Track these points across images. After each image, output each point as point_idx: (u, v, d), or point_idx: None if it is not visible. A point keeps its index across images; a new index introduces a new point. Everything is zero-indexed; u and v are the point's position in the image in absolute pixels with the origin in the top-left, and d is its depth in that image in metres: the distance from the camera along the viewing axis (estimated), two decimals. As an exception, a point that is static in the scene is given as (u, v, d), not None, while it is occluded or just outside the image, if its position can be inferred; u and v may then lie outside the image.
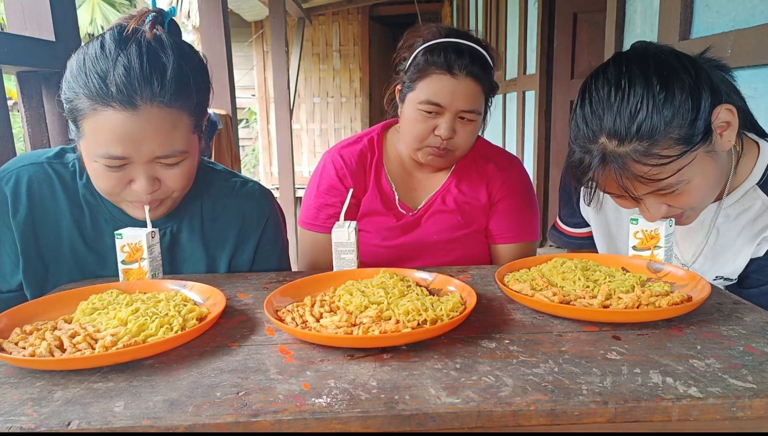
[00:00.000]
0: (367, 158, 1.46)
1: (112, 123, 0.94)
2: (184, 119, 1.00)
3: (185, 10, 9.79)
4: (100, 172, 1.00)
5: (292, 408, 0.61)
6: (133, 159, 0.98)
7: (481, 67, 1.29)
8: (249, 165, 10.04)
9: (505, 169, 1.46)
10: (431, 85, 1.29)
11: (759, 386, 0.63)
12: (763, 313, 0.85)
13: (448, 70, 1.27)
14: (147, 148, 0.97)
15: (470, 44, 1.31)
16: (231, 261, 1.21)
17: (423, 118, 1.31)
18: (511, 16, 4.85)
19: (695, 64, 0.94)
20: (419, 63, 1.31)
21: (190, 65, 1.01)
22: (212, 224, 1.19)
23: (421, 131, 1.32)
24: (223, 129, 3.50)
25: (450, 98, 1.28)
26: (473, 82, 1.28)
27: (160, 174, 1.02)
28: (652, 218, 1.01)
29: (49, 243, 1.12)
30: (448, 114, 1.29)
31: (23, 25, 1.67)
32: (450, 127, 1.30)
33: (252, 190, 1.24)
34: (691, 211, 1.02)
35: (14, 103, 1.92)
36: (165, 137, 0.98)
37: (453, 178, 1.45)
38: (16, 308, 0.87)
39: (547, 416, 0.60)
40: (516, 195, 1.46)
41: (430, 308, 0.82)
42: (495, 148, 1.53)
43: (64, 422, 0.59)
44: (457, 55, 1.27)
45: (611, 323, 0.82)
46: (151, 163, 0.99)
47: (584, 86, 0.99)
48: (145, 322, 0.79)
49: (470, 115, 1.31)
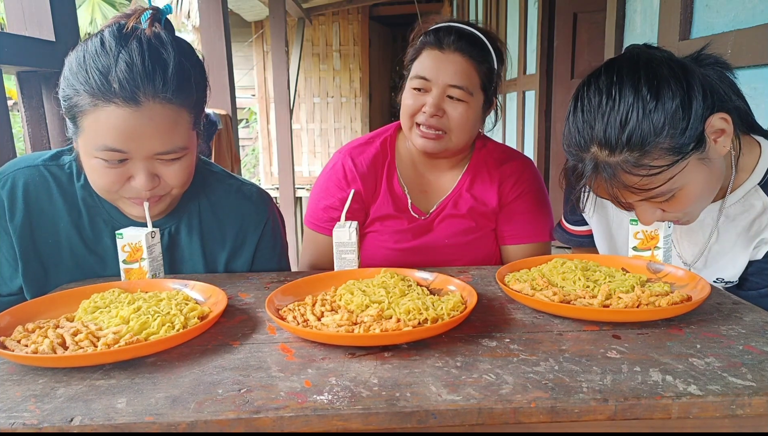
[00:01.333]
0: (379, 162, 1.44)
1: (114, 119, 0.94)
2: (184, 115, 1.00)
3: (185, 10, 9.79)
4: (98, 168, 0.99)
5: (294, 405, 0.61)
6: (133, 155, 0.98)
7: (474, 46, 1.29)
8: (249, 165, 10.04)
9: (518, 170, 1.44)
10: (421, 61, 1.31)
11: (758, 384, 0.63)
12: (763, 313, 0.85)
13: (437, 45, 1.29)
14: (148, 144, 0.97)
15: (464, 26, 1.32)
16: (229, 264, 1.21)
17: (413, 95, 1.31)
18: (511, 16, 4.85)
19: (687, 70, 0.93)
20: (416, 47, 1.34)
21: (190, 62, 1.02)
22: (210, 226, 1.19)
23: (410, 107, 1.32)
24: (223, 129, 3.50)
25: (436, 71, 1.28)
26: (462, 57, 1.28)
27: (159, 170, 1.02)
28: (646, 222, 1.01)
29: (47, 246, 1.11)
30: (435, 89, 1.28)
31: (23, 25, 1.67)
32: (436, 102, 1.28)
33: (250, 193, 1.24)
34: (687, 214, 1.02)
35: (14, 103, 1.92)
36: (166, 133, 0.98)
37: (465, 180, 1.44)
38: (18, 306, 0.87)
39: (548, 413, 0.61)
40: (529, 196, 1.44)
41: (431, 307, 0.82)
42: (507, 149, 1.51)
43: (66, 418, 0.59)
44: (447, 33, 1.29)
45: (611, 322, 0.82)
46: (150, 159, 0.99)
47: (576, 93, 0.98)
48: (147, 320, 0.80)
49: (458, 93, 1.28)
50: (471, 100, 1.30)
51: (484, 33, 1.34)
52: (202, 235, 1.18)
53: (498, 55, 1.35)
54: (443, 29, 1.31)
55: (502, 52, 1.37)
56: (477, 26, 1.35)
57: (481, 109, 1.35)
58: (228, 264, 1.21)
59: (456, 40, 1.28)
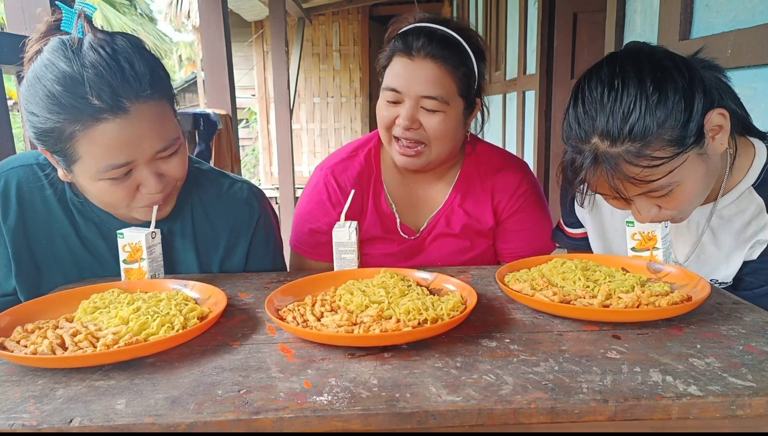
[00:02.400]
0: (364, 179, 1.35)
1: (110, 134, 0.92)
2: (167, 106, 1.00)
3: (185, 10, 9.79)
4: (105, 188, 0.98)
5: (294, 406, 0.61)
6: (137, 161, 0.97)
7: (447, 48, 1.17)
8: (249, 165, 10.04)
9: (513, 182, 1.34)
10: (392, 69, 1.20)
11: (758, 385, 0.63)
12: (763, 313, 0.85)
13: (406, 52, 1.17)
14: (147, 146, 0.96)
15: (435, 26, 1.19)
16: (223, 264, 1.20)
17: (386, 106, 1.22)
18: (511, 16, 4.85)
19: (689, 65, 0.94)
20: (386, 54, 1.23)
21: (147, 52, 0.99)
22: (203, 227, 1.18)
23: (385, 119, 1.23)
24: (223, 129, 3.50)
25: (406, 82, 1.17)
26: (434, 64, 1.16)
27: (162, 169, 1.02)
28: (643, 219, 1.01)
29: (41, 246, 1.10)
30: (407, 100, 1.18)
31: (23, 25, 1.67)
32: (409, 115, 1.18)
33: (241, 191, 1.23)
34: (682, 212, 1.02)
35: (14, 103, 1.92)
36: (159, 129, 0.98)
37: (456, 193, 1.34)
38: (17, 306, 0.87)
39: (548, 414, 0.61)
40: (526, 211, 1.34)
41: (431, 307, 0.82)
42: (500, 154, 1.40)
43: (65, 419, 0.59)
44: (416, 36, 1.17)
45: (611, 322, 0.82)
46: (153, 161, 0.99)
47: (577, 86, 0.99)
48: (146, 321, 0.80)
49: (433, 104, 1.17)
50: (448, 109, 1.19)
51: (459, 31, 1.21)
52: (195, 237, 1.18)
53: (478, 53, 1.24)
54: (412, 32, 1.19)
55: (482, 50, 1.25)
56: (453, 22, 1.23)
57: (462, 115, 1.25)
58: (222, 265, 1.20)
59: (426, 44, 1.16)
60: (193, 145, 3.36)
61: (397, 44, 1.20)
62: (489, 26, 5.73)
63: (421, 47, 1.16)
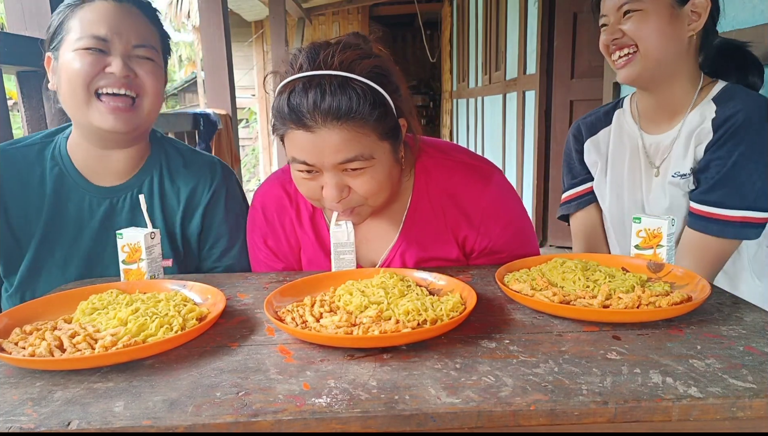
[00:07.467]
0: (292, 213, 1.22)
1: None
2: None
3: (185, 10, 9.78)
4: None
5: (292, 408, 0.61)
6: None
7: (347, 98, 0.94)
8: (249, 165, 10.04)
9: (479, 209, 1.14)
10: (291, 141, 0.99)
11: (759, 386, 0.63)
12: (763, 313, 0.85)
13: (300, 124, 0.95)
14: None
15: (323, 81, 0.94)
16: (183, 224, 1.30)
17: (302, 179, 1.04)
18: (511, 16, 4.84)
19: None
20: (278, 120, 1.00)
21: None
22: (168, 188, 1.29)
23: (308, 192, 1.07)
24: (223, 129, 3.50)
25: (314, 155, 0.98)
26: (338, 132, 0.95)
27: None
28: (607, 38, 1.25)
29: (18, 219, 1.20)
30: (325, 171, 1.00)
31: (23, 25, 1.67)
32: (335, 185, 1.01)
33: (206, 160, 1.34)
34: (643, 47, 1.20)
35: (14, 103, 1.92)
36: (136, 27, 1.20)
37: (408, 228, 1.18)
38: (16, 308, 0.87)
39: (547, 416, 0.60)
40: (503, 233, 1.17)
41: (430, 308, 0.82)
42: (452, 166, 1.17)
43: (64, 422, 0.59)
44: (303, 98, 0.94)
45: (611, 323, 0.82)
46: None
47: None
48: (145, 322, 0.79)
49: (355, 165, 0.99)
50: (375, 161, 1.00)
51: (350, 66, 0.96)
52: (162, 199, 1.28)
53: (383, 78, 1.00)
54: (298, 94, 0.94)
55: (387, 72, 1.02)
56: (339, 56, 0.96)
57: (391, 155, 1.05)
58: (183, 225, 1.30)
59: (321, 104, 0.93)
60: (193, 145, 3.36)
61: (286, 114, 0.96)
62: (489, 26, 5.72)
63: (315, 113, 0.94)
